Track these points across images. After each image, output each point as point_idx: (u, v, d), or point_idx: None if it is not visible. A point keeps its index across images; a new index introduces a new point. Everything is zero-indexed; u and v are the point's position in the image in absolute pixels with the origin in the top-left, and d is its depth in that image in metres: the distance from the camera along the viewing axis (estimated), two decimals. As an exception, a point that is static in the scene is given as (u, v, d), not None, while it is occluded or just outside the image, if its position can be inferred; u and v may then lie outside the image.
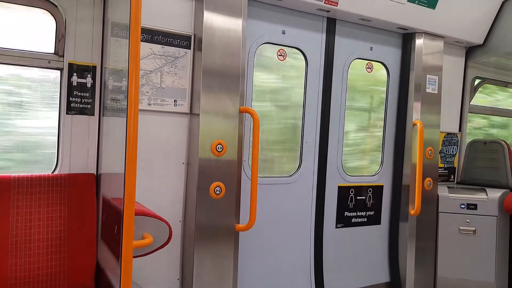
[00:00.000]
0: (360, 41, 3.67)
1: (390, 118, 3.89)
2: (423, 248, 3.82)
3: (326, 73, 3.50)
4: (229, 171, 2.81)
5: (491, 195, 3.84)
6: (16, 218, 2.33)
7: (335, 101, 3.57)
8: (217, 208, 2.78)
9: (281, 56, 3.33)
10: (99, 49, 2.65)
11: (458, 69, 4.29)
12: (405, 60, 3.86)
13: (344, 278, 3.69)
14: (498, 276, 3.80)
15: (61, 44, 2.58)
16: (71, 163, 2.59)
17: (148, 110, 2.71)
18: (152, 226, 2.14)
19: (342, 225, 3.68)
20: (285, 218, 3.40)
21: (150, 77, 2.71)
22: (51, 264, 2.37)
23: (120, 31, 2.36)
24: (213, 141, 2.74)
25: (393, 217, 3.91)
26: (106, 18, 2.61)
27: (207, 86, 2.74)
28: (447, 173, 4.28)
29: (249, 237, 3.13)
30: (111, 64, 2.50)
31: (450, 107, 4.21)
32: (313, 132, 3.49)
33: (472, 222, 3.82)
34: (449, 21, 3.82)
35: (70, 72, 2.58)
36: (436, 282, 3.88)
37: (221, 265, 2.83)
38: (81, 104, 2.62)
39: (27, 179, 2.38)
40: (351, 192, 3.71)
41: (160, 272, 2.81)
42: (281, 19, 3.27)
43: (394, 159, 3.92)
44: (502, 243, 3.83)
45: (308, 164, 3.48)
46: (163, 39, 2.74)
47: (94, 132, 2.65)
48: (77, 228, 2.46)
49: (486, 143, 4.22)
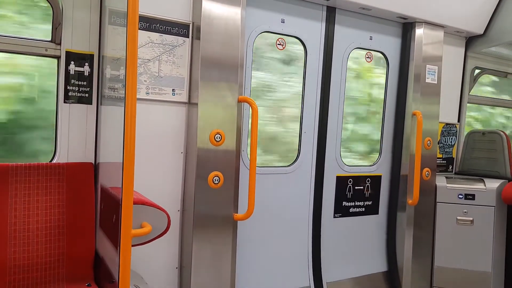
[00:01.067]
0: (360, 31, 3.65)
1: (389, 108, 3.88)
2: (421, 238, 3.84)
3: (326, 62, 3.48)
4: (228, 161, 2.81)
5: (489, 186, 3.85)
6: (14, 207, 2.32)
7: (334, 91, 3.56)
8: (215, 197, 2.78)
9: (280, 45, 3.31)
10: (97, 37, 2.63)
11: (458, 59, 4.27)
12: (404, 49, 3.83)
13: (341, 267, 3.71)
14: (495, 266, 3.83)
15: (58, 32, 2.55)
16: (69, 152, 2.58)
17: (146, 99, 2.69)
18: (150, 215, 2.15)
19: (340, 215, 3.69)
20: (283, 207, 3.41)
21: (148, 65, 2.69)
22: (50, 252, 2.38)
23: (117, 19, 2.33)
24: (212, 131, 2.74)
25: (391, 207, 3.92)
26: (104, 6, 2.58)
27: (206, 75, 2.72)
28: (446, 163, 4.29)
29: (247, 226, 3.14)
30: (109, 53, 2.48)
31: (450, 98, 4.20)
32: (312, 122, 3.48)
33: (470, 212, 3.84)
34: (450, 10, 3.79)
35: (67, 60, 2.55)
36: (433, 272, 3.91)
37: (220, 254, 2.84)
38: (78, 93, 2.60)
39: (25, 167, 2.38)
40: (349, 182, 3.72)
41: (159, 261, 2.82)
42: (280, 8, 3.24)
43: (393, 149, 3.92)
44: (500, 233, 3.85)
45: (306, 154, 3.48)
46: (161, 27, 2.71)
47: (92, 121, 2.64)
48: (76, 217, 2.46)
49: (485, 134, 4.22)
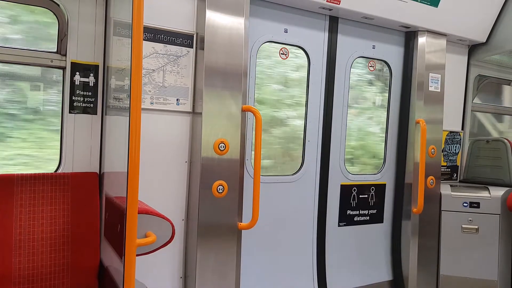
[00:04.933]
0: (363, 40, 3.66)
1: (392, 117, 3.88)
2: (426, 246, 3.81)
3: (329, 71, 3.50)
4: (232, 170, 2.82)
5: (493, 194, 3.83)
6: (19, 217, 2.34)
7: (338, 100, 3.57)
8: (219, 206, 2.78)
9: (283, 54, 3.33)
10: (102, 48, 2.65)
11: (461, 67, 4.27)
12: (407, 58, 3.85)
13: (346, 276, 3.69)
14: (501, 274, 3.80)
15: (63, 43, 2.58)
16: (74, 162, 2.60)
17: (151, 109, 2.71)
18: (155, 224, 2.15)
19: (344, 224, 3.68)
20: (288, 216, 3.40)
21: (153, 76, 2.71)
22: (55, 262, 2.38)
23: (122, 30, 2.36)
24: (216, 140, 2.74)
25: (395, 215, 3.91)
26: (109, 17, 2.61)
27: (210, 85, 2.74)
28: (450, 171, 4.27)
29: (251, 235, 3.14)
30: (114, 63, 2.51)
31: (453, 106, 4.20)
32: (316, 131, 3.48)
33: (475, 221, 3.81)
34: (452, 19, 3.81)
35: (72, 71, 2.58)
36: (438, 280, 3.88)
37: (224, 264, 2.83)
38: (83, 103, 2.62)
39: (30, 177, 2.39)
40: (353, 191, 3.71)
41: (163, 271, 2.82)
42: (283, 18, 3.26)
43: (397, 157, 3.91)
44: (505, 241, 3.82)
45: (310, 163, 3.48)
46: (166, 38, 2.74)
47: (97, 131, 2.66)
48: (81, 226, 2.47)
49: (489, 142, 4.21)
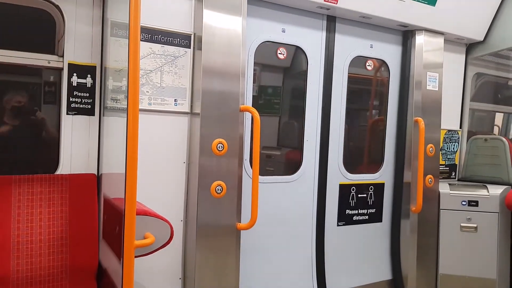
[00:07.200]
0: (361, 39, 3.66)
1: (391, 116, 3.88)
2: (425, 245, 3.81)
3: (327, 71, 3.49)
4: (230, 170, 2.81)
5: (492, 192, 3.84)
6: (17, 219, 2.33)
7: (336, 99, 3.56)
8: (218, 207, 2.78)
9: (281, 54, 3.32)
10: (99, 49, 2.65)
11: (458, 66, 4.27)
12: (405, 57, 3.85)
13: (346, 276, 3.69)
14: (500, 273, 3.80)
15: (60, 44, 2.58)
16: (72, 163, 2.59)
17: (149, 109, 2.71)
18: (153, 225, 2.14)
19: (343, 223, 3.68)
20: (287, 216, 3.39)
21: (150, 76, 2.70)
22: (53, 264, 2.38)
23: (119, 31, 2.36)
24: (214, 140, 2.74)
25: (394, 214, 3.91)
26: (106, 18, 2.61)
27: (207, 85, 2.73)
28: (448, 170, 4.27)
29: (250, 235, 3.13)
30: (111, 64, 2.50)
31: (451, 104, 4.20)
32: (314, 131, 3.48)
33: (474, 219, 3.82)
34: (449, 17, 3.81)
35: (70, 72, 2.57)
36: (437, 279, 3.88)
37: (223, 264, 2.83)
38: (81, 105, 2.62)
39: (28, 179, 2.39)
40: (352, 190, 3.71)
41: (162, 272, 2.81)
42: (281, 17, 3.26)
43: (395, 156, 3.91)
44: (504, 240, 3.82)
45: (309, 163, 3.47)
46: (163, 38, 2.73)
47: (95, 132, 2.65)
48: (79, 228, 2.47)
49: (487, 140, 4.21)
